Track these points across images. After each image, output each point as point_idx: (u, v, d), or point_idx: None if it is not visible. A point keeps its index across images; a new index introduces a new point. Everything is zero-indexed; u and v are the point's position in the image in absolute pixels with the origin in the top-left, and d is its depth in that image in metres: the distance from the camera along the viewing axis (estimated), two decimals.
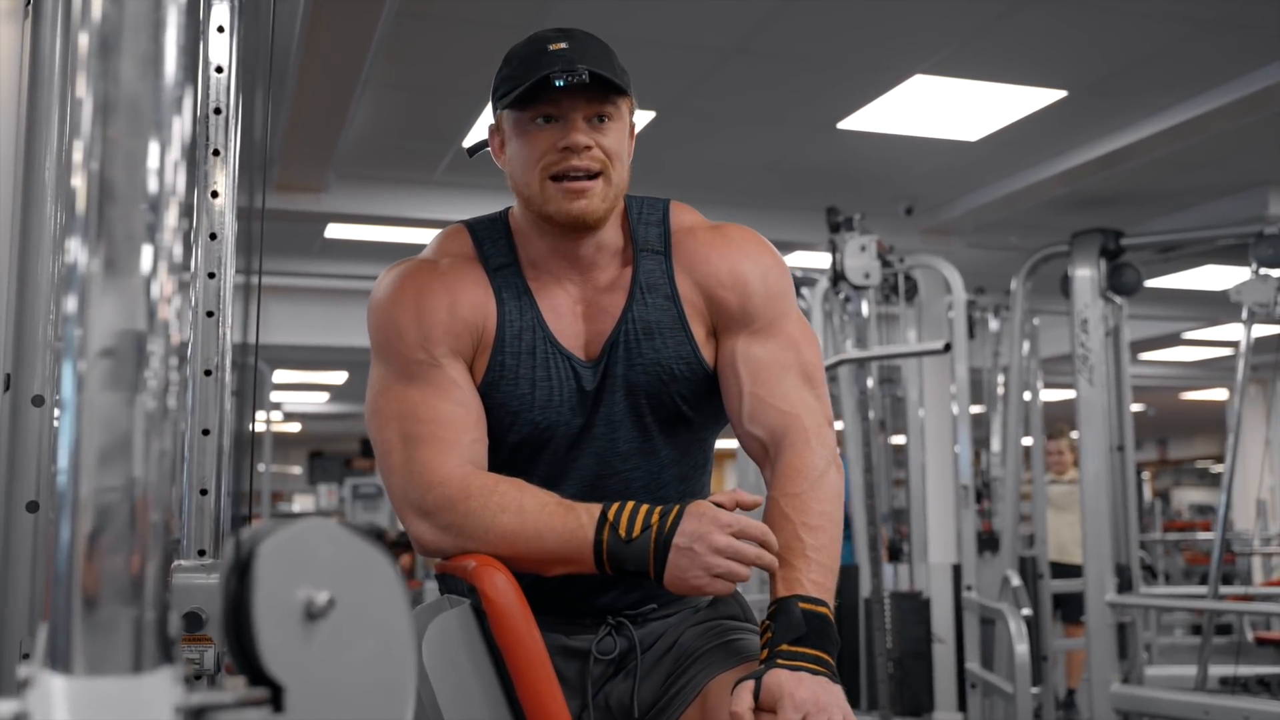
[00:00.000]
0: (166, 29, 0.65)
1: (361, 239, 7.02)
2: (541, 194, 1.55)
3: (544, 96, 1.52)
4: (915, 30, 4.32)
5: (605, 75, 1.50)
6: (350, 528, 0.91)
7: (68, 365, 0.63)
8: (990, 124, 5.33)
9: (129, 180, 0.63)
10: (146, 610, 0.64)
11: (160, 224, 0.64)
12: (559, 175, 1.53)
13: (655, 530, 1.41)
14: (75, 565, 0.62)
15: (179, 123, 0.65)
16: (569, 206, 1.53)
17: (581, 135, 1.52)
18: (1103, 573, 5.04)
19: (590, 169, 1.53)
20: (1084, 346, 5.14)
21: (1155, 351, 11.58)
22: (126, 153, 0.63)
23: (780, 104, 5.13)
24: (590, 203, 1.54)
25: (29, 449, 1.60)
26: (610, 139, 1.55)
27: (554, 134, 1.53)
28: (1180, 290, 8.45)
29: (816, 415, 1.59)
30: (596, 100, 1.53)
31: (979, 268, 7.28)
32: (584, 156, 1.53)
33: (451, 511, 1.49)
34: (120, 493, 0.63)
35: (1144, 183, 6.19)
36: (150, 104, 0.64)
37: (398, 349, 1.58)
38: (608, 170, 1.55)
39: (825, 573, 1.46)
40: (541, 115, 1.53)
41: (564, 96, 1.51)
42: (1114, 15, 4.16)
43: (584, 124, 1.53)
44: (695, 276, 1.63)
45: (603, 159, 1.54)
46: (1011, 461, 5.76)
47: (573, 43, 1.54)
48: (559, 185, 1.53)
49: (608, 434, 1.61)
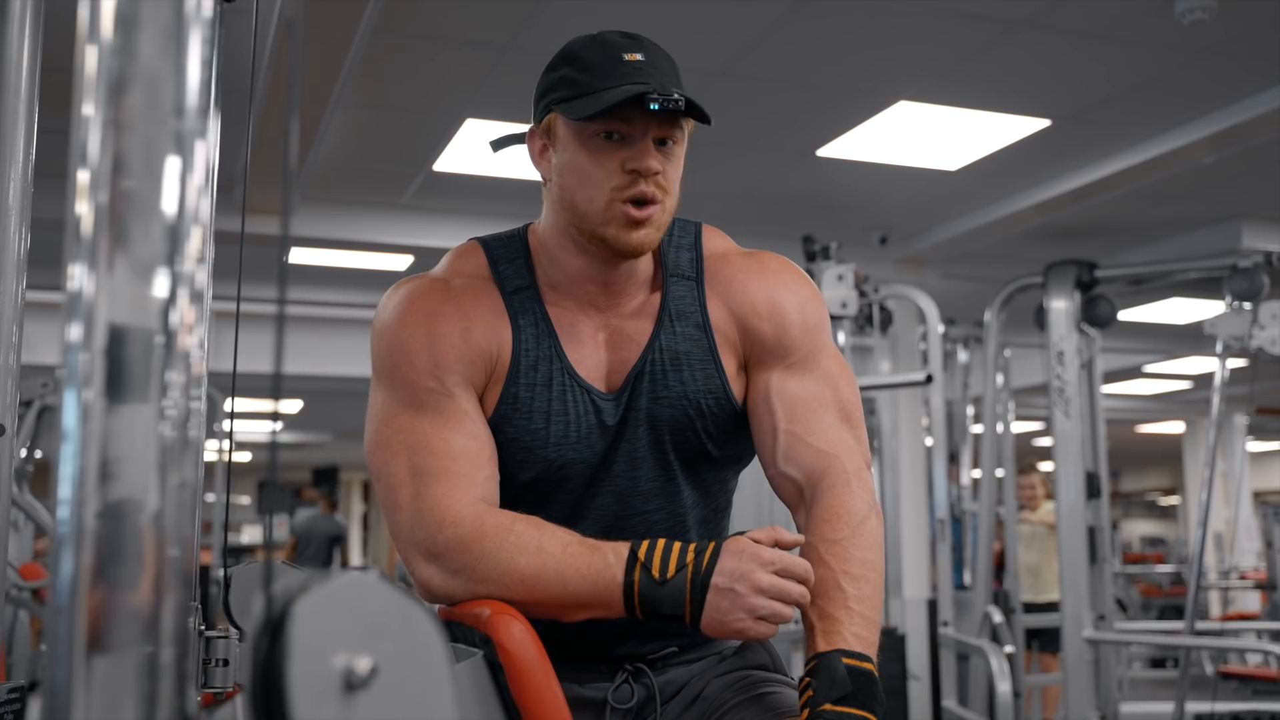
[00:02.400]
0: (189, 38, 0.63)
1: (324, 264, 6.85)
2: (604, 214, 1.41)
3: (617, 111, 1.38)
4: (902, 56, 4.26)
5: (697, 105, 1.38)
6: (391, 583, 0.80)
7: (71, 395, 0.60)
8: (972, 153, 5.29)
9: (146, 205, 0.61)
10: (164, 648, 0.60)
11: (179, 249, 0.61)
12: (628, 199, 1.41)
13: (691, 569, 1.29)
14: (78, 602, 0.59)
15: (202, 147, 0.62)
16: (629, 236, 1.41)
17: (654, 160, 1.39)
18: (1079, 608, 4.98)
19: (656, 197, 1.41)
20: (1060, 379, 5.11)
21: (1114, 384, 11.65)
22: (142, 177, 0.61)
23: (760, 129, 5.06)
24: (649, 233, 1.42)
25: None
26: (673, 165, 1.43)
27: (621, 153, 1.40)
28: (1143, 323, 8.49)
29: (856, 457, 1.48)
30: (668, 124, 1.41)
31: (950, 298, 7.25)
32: (652, 182, 1.40)
33: (465, 554, 1.36)
34: (134, 523, 0.60)
35: (1118, 215, 6.19)
36: (170, 127, 0.61)
37: (406, 375, 1.45)
38: (666, 200, 1.43)
39: (869, 626, 1.34)
40: (611, 131, 1.40)
41: (637, 115, 1.38)
42: (1101, 44, 4.12)
43: (654, 146, 1.41)
44: (730, 305, 1.52)
45: (664, 187, 1.42)
46: (986, 494, 5.71)
47: (647, 54, 1.41)
48: (624, 208, 1.41)
49: (629, 472, 1.49)
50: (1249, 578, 10.69)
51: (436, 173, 5.50)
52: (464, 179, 5.57)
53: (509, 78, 4.30)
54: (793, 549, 1.36)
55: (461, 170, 5.45)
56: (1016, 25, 3.96)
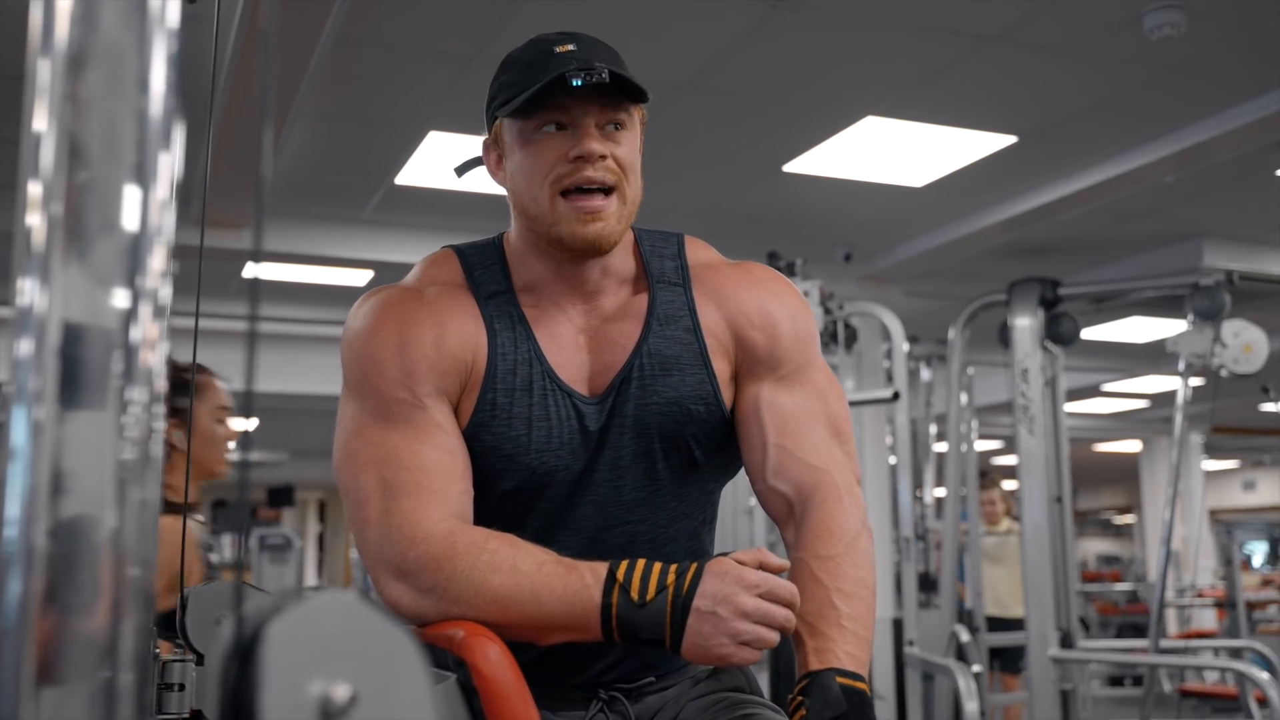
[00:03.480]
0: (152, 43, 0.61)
1: (283, 279, 6.74)
2: (552, 212, 1.38)
3: (552, 101, 1.35)
4: (870, 70, 4.24)
5: (626, 76, 1.34)
6: (370, 603, 0.74)
7: (20, 412, 0.58)
8: (938, 169, 5.29)
9: (103, 219, 0.59)
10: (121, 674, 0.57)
11: (141, 260, 0.60)
12: (570, 189, 1.37)
13: (672, 592, 1.23)
14: (26, 628, 0.56)
15: (166, 157, 0.61)
16: (583, 230, 1.37)
17: (596, 143, 1.35)
18: (1045, 627, 4.97)
19: (605, 181, 1.37)
20: (1024, 396, 5.12)
21: (1073, 403, 11.73)
22: (100, 190, 0.59)
23: (726, 144, 5.03)
24: (605, 225, 1.37)
25: None
26: (624, 149, 1.39)
27: (564, 142, 1.37)
28: (1102, 342, 8.55)
29: (847, 473, 1.43)
30: (610, 106, 1.37)
31: (913, 316, 7.26)
32: (598, 167, 1.36)
33: (436, 572, 1.29)
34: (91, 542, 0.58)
35: (1080, 233, 6.22)
36: (131, 135, 0.60)
37: (376, 386, 1.38)
38: (622, 185, 1.38)
39: (861, 645, 1.30)
40: (550, 123, 1.37)
41: (575, 102, 1.35)
42: (1070, 59, 4.13)
43: (596, 131, 1.37)
44: (723, 311, 1.48)
45: (617, 171, 1.37)
46: (950, 512, 5.70)
47: (580, 44, 1.38)
48: (571, 204, 1.36)
49: (612, 480, 1.43)
50: (1207, 595, 10.77)
51: (399, 186, 5.42)
52: (427, 193, 5.49)
53: (473, 89, 4.21)
54: (779, 574, 1.30)
55: (424, 184, 5.38)
56: (986, 40, 3.96)
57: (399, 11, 3.71)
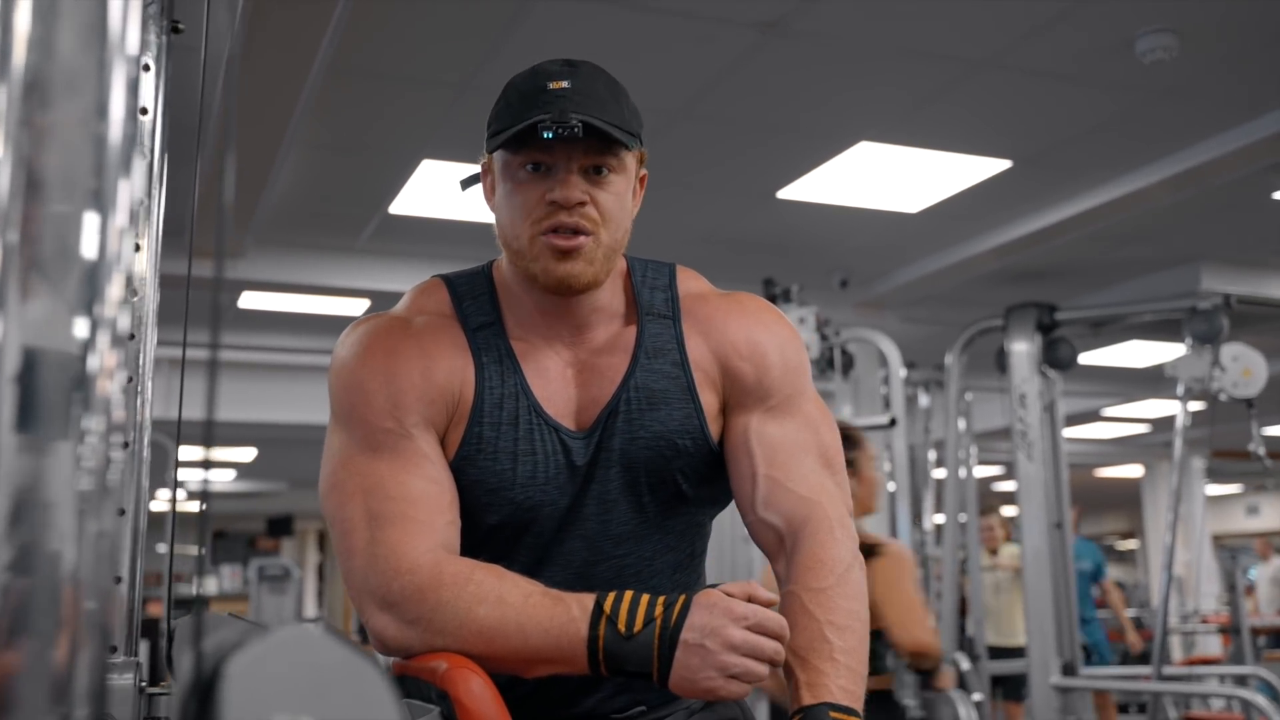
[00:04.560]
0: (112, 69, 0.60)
1: (278, 309, 6.74)
2: (529, 249, 1.36)
3: (535, 142, 1.33)
4: (863, 96, 4.25)
5: (602, 126, 1.32)
6: (337, 637, 0.72)
7: None
8: (932, 195, 5.28)
9: (61, 246, 0.58)
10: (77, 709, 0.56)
11: (99, 290, 0.59)
12: (547, 230, 1.35)
13: (660, 624, 1.21)
14: None
15: (125, 184, 0.61)
16: (555, 268, 1.35)
17: (574, 191, 1.34)
18: (1046, 654, 4.93)
19: (580, 227, 1.34)
20: (1023, 421, 5.10)
21: (1073, 428, 11.70)
22: (58, 217, 0.58)
23: (720, 171, 5.03)
24: (576, 265, 1.35)
25: None
26: (608, 194, 1.36)
27: (544, 184, 1.35)
28: (1101, 367, 8.53)
29: (839, 504, 1.42)
30: (595, 151, 1.35)
31: (910, 342, 7.24)
32: (575, 213, 1.34)
33: (420, 603, 1.28)
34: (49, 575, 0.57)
35: (1077, 257, 6.21)
36: (90, 162, 0.59)
37: (363, 415, 1.37)
38: (599, 231, 1.36)
39: (855, 679, 1.27)
40: (531, 162, 1.36)
41: (558, 144, 1.33)
42: (1063, 84, 4.13)
43: (579, 176, 1.35)
44: (710, 344, 1.46)
45: (595, 218, 1.35)
46: (950, 539, 5.66)
47: (576, 82, 1.35)
48: (547, 240, 1.35)
49: (600, 515, 1.42)
50: (1211, 621, 10.70)
51: (392, 215, 5.42)
52: (421, 222, 5.49)
53: (466, 117, 4.24)
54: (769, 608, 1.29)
55: (418, 213, 5.38)
56: (978, 65, 3.96)
57: (390, 41, 3.71)
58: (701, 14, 3.56)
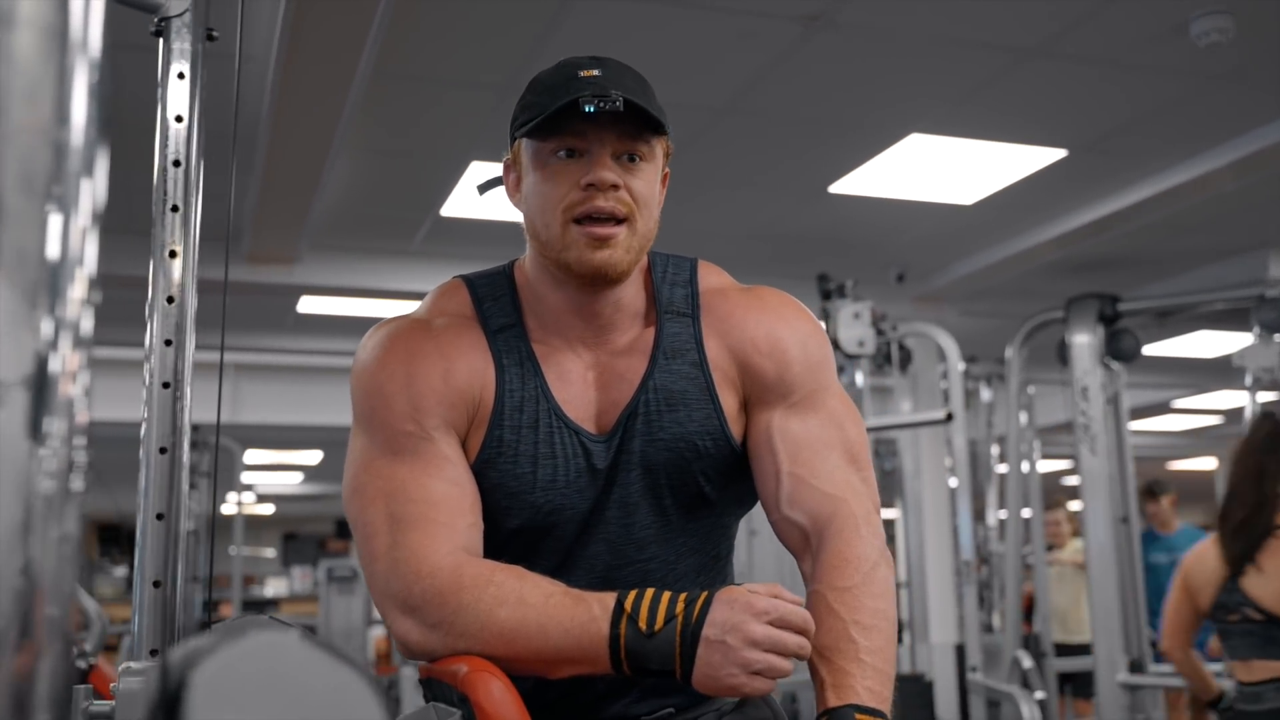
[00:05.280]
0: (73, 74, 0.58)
1: (336, 313, 6.81)
2: (562, 238, 1.35)
3: (569, 127, 1.33)
4: (911, 87, 4.18)
5: (642, 105, 1.31)
6: (314, 642, 0.70)
7: None
8: (987, 186, 5.19)
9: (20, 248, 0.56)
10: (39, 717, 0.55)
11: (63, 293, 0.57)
12: (581, 217, 1.34)
13: (681, 621, 1.19)
14: None
15: (89, 185, 0.59)
16: (591, 256, 1.34)
17: (609, 172, 1.33)
18: (1113, 651, 4.84)
19: (616, 212, 1.34)
20: (1085, 414, 5.01)
21: (1143, 420, 11.47)
22: (16, 219, 0.56)
23: (770, 167, 4.99)
24: (614, 254, 1.35)
25: None
26: (640, 181, 1.36)
27: (578, 170, 1.34)
28: (1170, 358, 8.35)
29: (865, 500, 1.39)
30: (628, 136, 1.35)
31: (970, 336, 7.14)
32: (610, 197, 1.33)
33: (442, 606, 1.27)
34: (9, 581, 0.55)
35: (1139, 246, 6.08)
36: (48, 167, 0.56)
37: (384, 419, 1.38)
38: (634, 216, 1.36)
39: (882, 679, 1.25)
40: (565, 148, 1.35)
41: (591, 128, 1.33)
42: (1115, 70, 4.04)
43: (612, 161, 1.34)
44: (729, 342, 1.45)
45: (630, 203, 1.35)
46: (1013, 535, 5.58)
47: (606, 70, 1.35)
48: (582, 229, 1.34)
49: (622, 518, 1.41)
50: None
51: (444, 218, 5.44)
52: (472, 224, 5.51)
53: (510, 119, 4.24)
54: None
55: (469, 215, 5.39)
56: (1027, 53, 3.88)
57: (431, 44, 3.73)
58: (742, 9, 3.52)
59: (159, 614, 1.58)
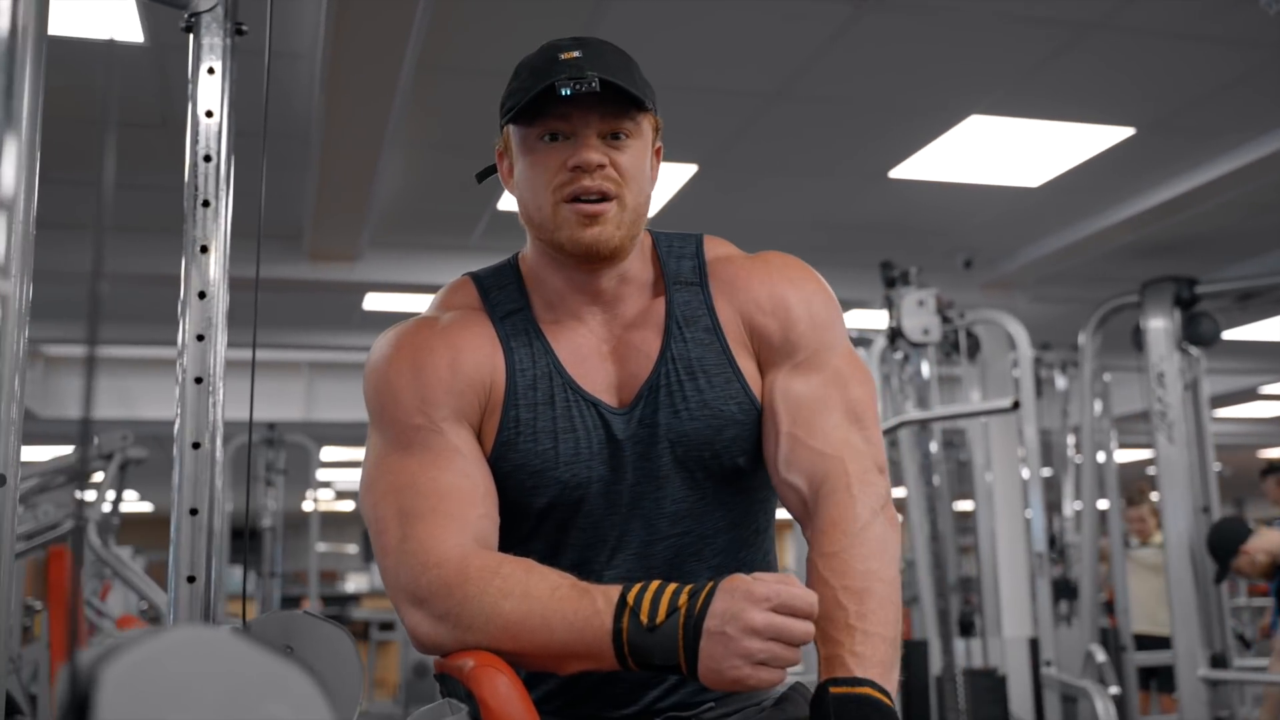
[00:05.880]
0: None
1: (401, 309, 6.86)
2: (554, 219, 1.35)
3: (552, 110, 1.33)
4: (967, 67, 4.08)
5: (620, 85, 1.31)
6: (244, 637, 0.67)
7: None
8: (1052, 168, 5.06)
9: None
10: None
11: None
12: (570, 197, 1.34)
13: (683, 614, 1.14)
14: None
15: None
16: (581, 234, 1.34)
17: (593, 153, 1.33)
18: (1193, 644, 4.69)
19: (604, 190, 1.34)
20: (1161, 402, 4.86)
21: (1230, 407, 11.16)
22: None
23: (827, 153, 4.91)
24: (604, 230, 1.35)
25: None
26: (627, 158, 1.36)
27: (563, 152, 1.35)
28: (1256, 342, 8.10)
29: (863, 459, 1.34)
30: (612, 115, 1.35)
31: (1043, 322, 6.98)
32: (596, 176, 1.34)
33: (448, 598, 1.25)
34: None
35: (1216, 226, 5.89)
36: None
37: (393, 415, 1.38)
38: (623, 193, 1.35)
39: (874, 643, 1.19)
40: (549, 132, 1.35)
41: (574, 110, 1.33)
42: (1179, 43, 3.90)
43: (597, 141, 1.34)
44: (736, 304, 1.43)
45: (617, 180, 1.35)
46: (1089, 526, 5.44)
47: (587, 50, 1.35)
48: (572, 208, 1.34)
49: (653, 493, 1.38)
50: None
51: (501, 212, 5.45)
52: None
53: None
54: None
55: None
56: (1086, 28, 3.76)
57: (475, 36, 3.72)
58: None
59: (195, 609, 1.58)
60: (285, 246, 5.62)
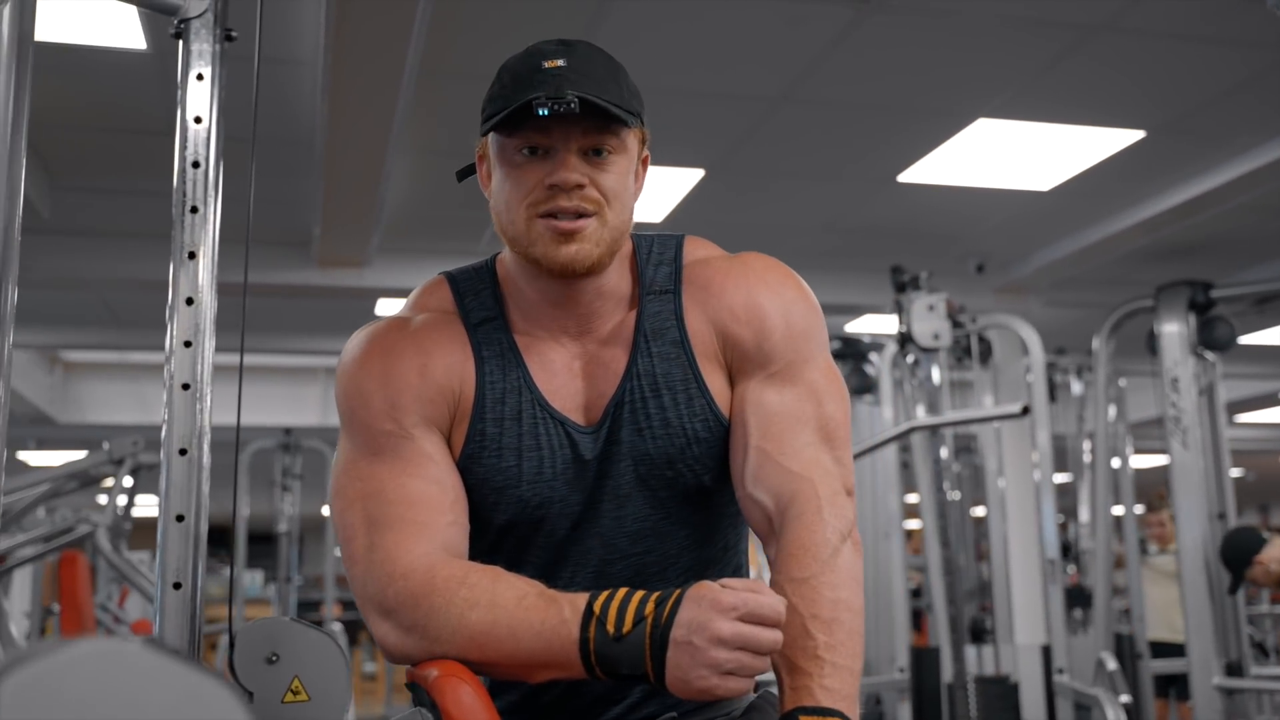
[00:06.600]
0: None
1: None
2: (528, 234, 1.30)
3: (531, 123, 1.27)
4: (973, 70, 4.05)
5: (601, 104, 1.25)
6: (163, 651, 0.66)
7: None
8: (1063, 171, 5.03)
9: None
10: None
11: None
12: (546, 214, 1.29)
13: (650, 623, 1.13)
14: None
15: None
16: (557, 252, 1.29)
17: (572, 173, 1.27)
18: (1207, 652, 4.64)
19: (582, 210, 1.29)
20: (1175, 407, 4.82)
21: (1252, 413, 11.04)
22: None
23: (835, 157, 4.88)
24: (582, 247, 1.29)
25: None
26: (609, 176, 1.30)
27: (542, 168, 1.29)
28: (1273, 347, 8.01)
29: (832, 481, 1.30)
30: (594, 131, 1.28)
31: (1058, 327, 6.93)
32: (574, 196, 1.28)
33: (415, 609, 1.24)
34: None
35: (1231, 229, 5.83)
36: None
37: (363, 419, 1.35)
38: (603, 211, 1.30)
39: (843, 675, 1.17)
40: (528, 146, 1.29)
41: (555, 125, 1.27)
42: (1186, 45, 3.86)
43: (578, 158, 1.29)
44: (707, 311, 1.38)
45: (597, 199, 1.29)
46: (1102, 532, 5.39)
47: (572, 59, 1.28)
48: (547, 223, 1.29)
49: (614, 511, 1.36)
50: None
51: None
52: None
53: None
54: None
55: None
56: (1092, 30, 3.73)
57: (475, 40, 3.71)
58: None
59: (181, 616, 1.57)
60: (294, 253, 5.63)
